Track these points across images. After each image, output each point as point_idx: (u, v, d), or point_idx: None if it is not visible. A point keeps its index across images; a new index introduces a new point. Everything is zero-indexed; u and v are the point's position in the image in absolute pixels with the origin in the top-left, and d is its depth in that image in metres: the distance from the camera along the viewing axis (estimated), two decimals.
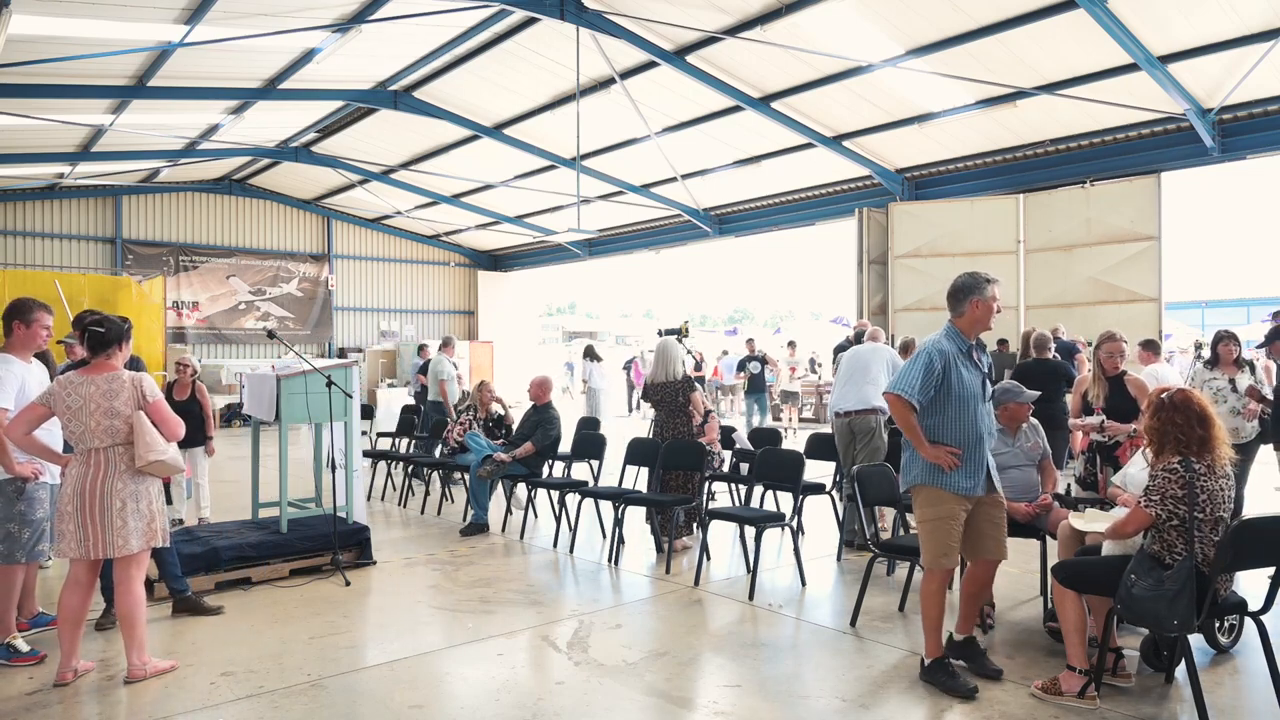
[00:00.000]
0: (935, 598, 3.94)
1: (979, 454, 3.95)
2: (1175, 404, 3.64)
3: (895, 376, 4.08)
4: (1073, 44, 10.14)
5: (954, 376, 3.92)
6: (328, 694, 3.92)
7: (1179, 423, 3.59)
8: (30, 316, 4.46)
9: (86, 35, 9.91)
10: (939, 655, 3.95)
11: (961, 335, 4.01)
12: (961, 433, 3.93)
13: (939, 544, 3.95)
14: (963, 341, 4.00)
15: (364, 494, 7.39)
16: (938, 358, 3.92)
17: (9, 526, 4.31)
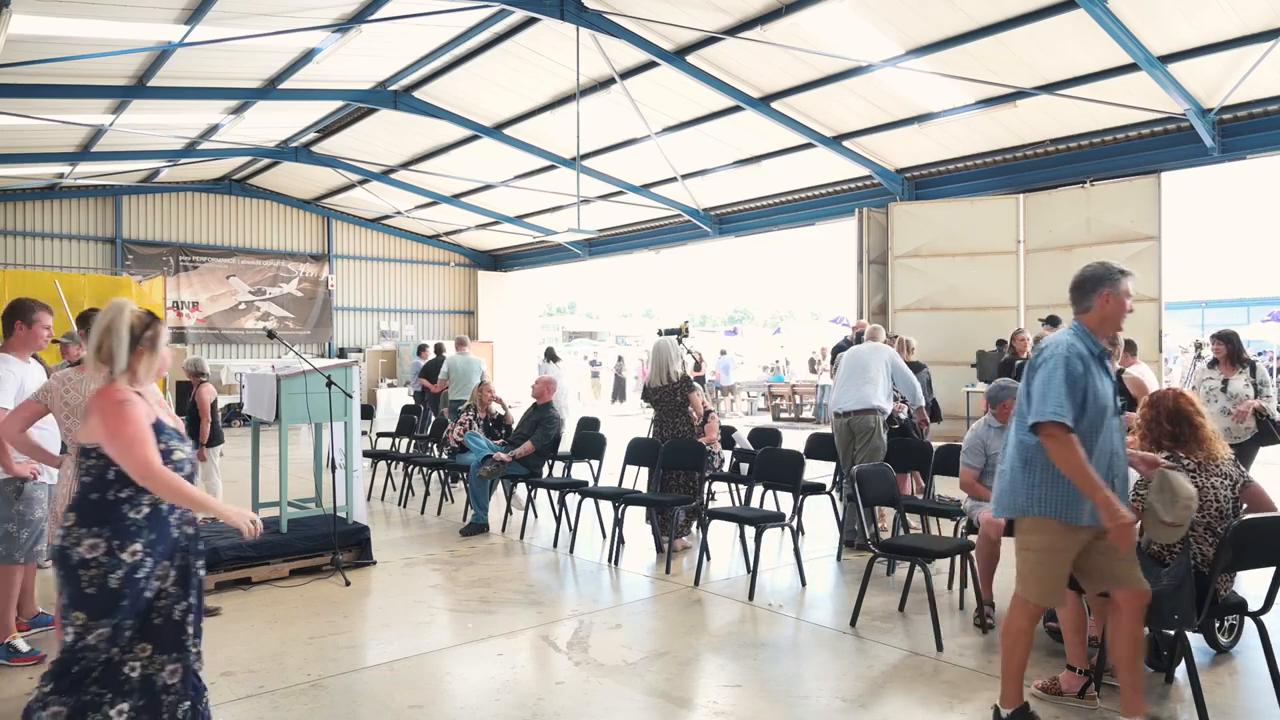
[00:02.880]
0: (1024, 638, 3.36)
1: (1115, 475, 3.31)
2: (1151, 400, 3.74)
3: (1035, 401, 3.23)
4: (1073, 44, 10.14)
5: (1091, 385, 3.24)
6: (328, 694, 3.92)
7: (1149, 417, 3.67)
8: (31, 316, 4.45)
9: (86, 35, 9.90)
10: (1019, 705, 3.40)
11: (1092, 336, 3.38)
12: (1099, 453, 3.24)
13: (1049, 579, 3.32)
14: (1094, 343, 3.36)
15: (364, 494, 7.39)
16: (1077, 360, 3.22)
17: (7, 527, 4.31)
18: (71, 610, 2.72)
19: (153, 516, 2.82)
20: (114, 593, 2.72)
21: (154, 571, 2.81)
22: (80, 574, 2.70)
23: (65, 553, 2.73)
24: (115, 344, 2.81)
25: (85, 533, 2.73)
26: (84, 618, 2.71)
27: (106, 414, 2.75)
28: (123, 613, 2.74)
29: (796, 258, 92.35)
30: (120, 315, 2.83)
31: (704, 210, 18.24)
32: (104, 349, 2.82)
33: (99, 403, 2.78)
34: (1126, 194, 12.35)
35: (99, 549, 2.72)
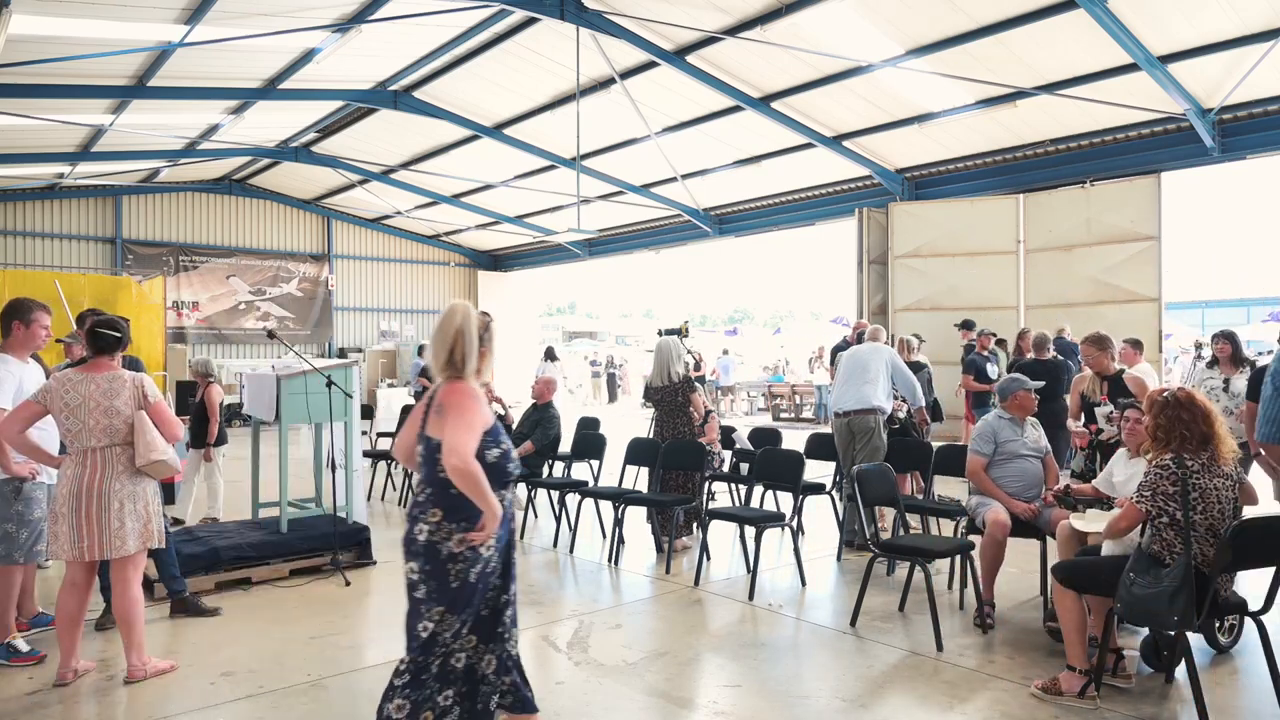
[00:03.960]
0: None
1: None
2: (1180, 401, 3.67)
3: (1260, 423, 3.16)
4: (1073, 44, 10.14)
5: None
6: (328, 694, 3.92)
7: (1185, 419, 3.61)
8: (30, 316, 4.44)
9: (86, 35, 9.90)
10: None
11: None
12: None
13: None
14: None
15: (364, 494, 7.39)
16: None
17: (6, 527, 4.31)
18: (434, 605, 2.83)
19: (505, 513, 2.96)
20: (472, 586, 2.88)
21: (496, 566, 2.99)
22: (449, 568, 2.84)
23: (435, 547, 2.83)
24: (468, 347, 2.92)
25: (455, 528, 2.84)
26: (443, 611, 2.83)
27: (461, 406, 2.85)
28: (474, 606, 2.89)
29: (796, 258, 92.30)
30: (469, 319, 2.95)
31: (704, 210, 18.24)
32: (457, 352, 2.91)
33: (453, 397, 2.88)
34: (1126, 194, 12.35)
35: (465, 544, 2.83)
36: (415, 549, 2.89)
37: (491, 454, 2.90)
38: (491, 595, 3.02)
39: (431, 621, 2.83)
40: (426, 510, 2.88)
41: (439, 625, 2.83)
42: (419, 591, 2.86)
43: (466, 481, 2.77)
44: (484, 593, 2.95)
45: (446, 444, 2.79)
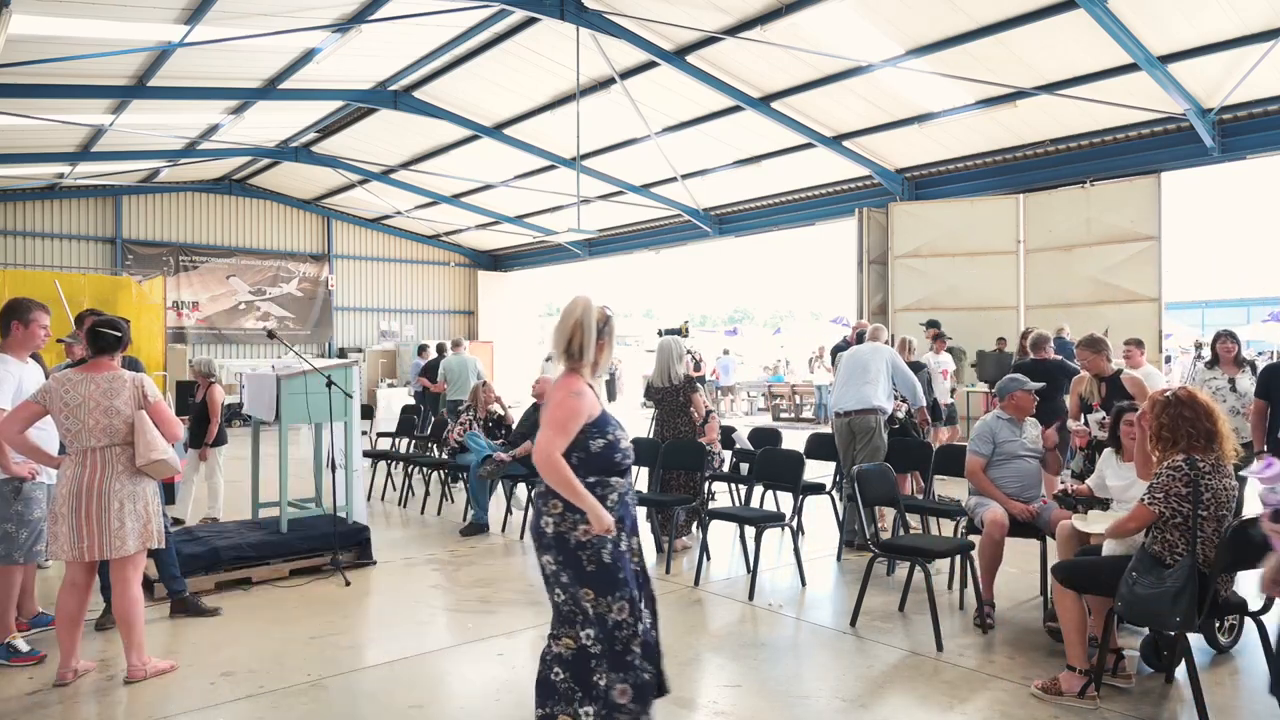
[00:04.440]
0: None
1: None
2: (1183, 400, 3.68)
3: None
4: (1073, 44, 10.14)
5: None
6: (328, 694, 3.92)
7: (1188, 417, 3.61)
8: (28, 316, 4.44)
9: (86, 35, 9.90)
10: None
11: None
12: None
13: None
14: None
15: (364, 494, 7.39)
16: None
17: (6, 527, 4.30)
18: (579, 587, 2.89)
19: (622, 505, 3.00)
20: (610, 567, 2.91)
21: (630, 546, 3.01)
22: (581, 555, 2.89)
23: (564, 538, 2.89)
24: (586, 339, 2.99)
25: (578, 518, 2.88)
26: (593, 594, 2.88)
27: (558, 402, 2.93)
28: (627, 585, 2.91)
29: (796, 258, 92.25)
30: (590, 312, 3.02)
31: (704, 210, 18.24)
32: (575, 342, 2.99)
33: (555, 393, 2.97)
34: (1126, 194, 12.35)
35: (590, 532, 2.88)
36: (545, 541, 2.95)
37: (596, 443, 2.95)
38: None
39: (588, 604, 2.90)
40: (547, 501, 2.94)
41: (598, 606, 2.90)
42: (563, 579, 2.93)
43: (552, 478, 2.85)
44: (629, 568, 2.97)
45: (535, 441, 2.89)
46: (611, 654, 2.89)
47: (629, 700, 2.86)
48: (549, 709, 2.92)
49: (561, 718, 2.89)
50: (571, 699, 2.89)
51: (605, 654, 2.89)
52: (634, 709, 2.87)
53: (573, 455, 2.91)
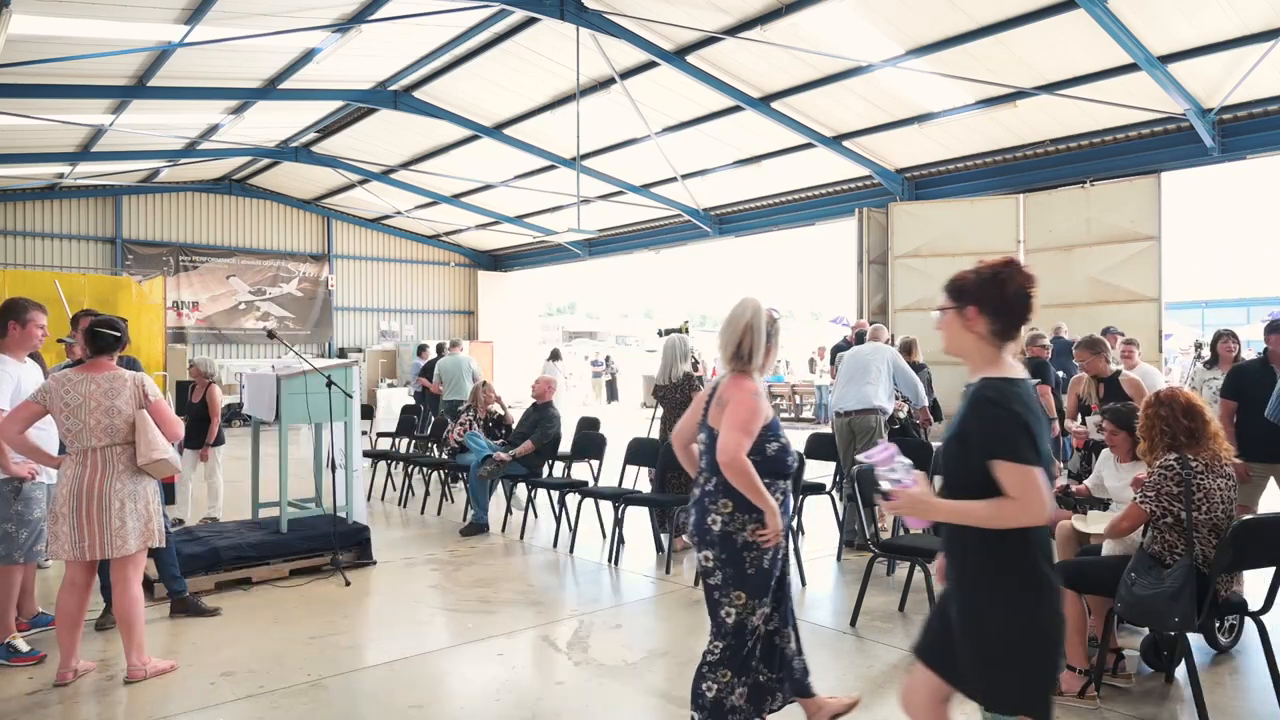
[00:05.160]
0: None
1: None
2: (1161, 399, 3.74)
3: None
4: (1073, 44, 10.14)
5: None
6: (328, 694, 3.92)
7: (1164, 415, 3.68)
8: (25, 316, 4.43)
9: (86, 35, 9.90)
10: None
11: None
12: None
13: None
14: None
15: (364, 494, 7.39)
16: None
17: (6, 527, 4.30)
18: (732, 590, 2.92)
19: (784, 503, 3.03)
20: (767, 573, 2.97)
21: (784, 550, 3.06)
22: (745, 556, 2.92)
23: (730, 537, 2.92)
24: (755, 341, 3.02)
25: (748, 518, 2.92)
26: (745, 597, 2.91)
27: (740, 403, 2.95)
28: (771, 591, 2.97)
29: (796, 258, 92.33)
30: (759, 314, 3.05)
31: (704, 210, 18.24)
32: (745, 345, 3.02)
33: (735, 393, 2.98)
34: (1126, 194, 12.35)
35: (759, 533, 2.91)
36: (710, 538, 2.96)
37: (771, 447, 2.98)
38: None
39: (734, 608, 2.92)
40: (717, 500, 2.95)
41: (742, 611, 2.92)
42: (714, 578, 2.95)
43: (739, 480, 2.87)
44: (780, 581, 3.04)
45: (720, 441, 2.90)
46: (738, 658, 2.95)
47: (744, 701, 2.94)
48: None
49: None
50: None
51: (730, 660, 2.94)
52: (747, 710, 2.94)
53: (750, 458, 2.91)
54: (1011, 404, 2.14)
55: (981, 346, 2.27)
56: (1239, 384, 5.15)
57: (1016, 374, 2.25)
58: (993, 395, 2.18)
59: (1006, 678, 2.17)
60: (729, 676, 2.95)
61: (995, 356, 2.26)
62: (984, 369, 2.27)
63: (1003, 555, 2.17)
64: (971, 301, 2.26)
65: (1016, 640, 2.15)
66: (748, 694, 2.95)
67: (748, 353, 3.01)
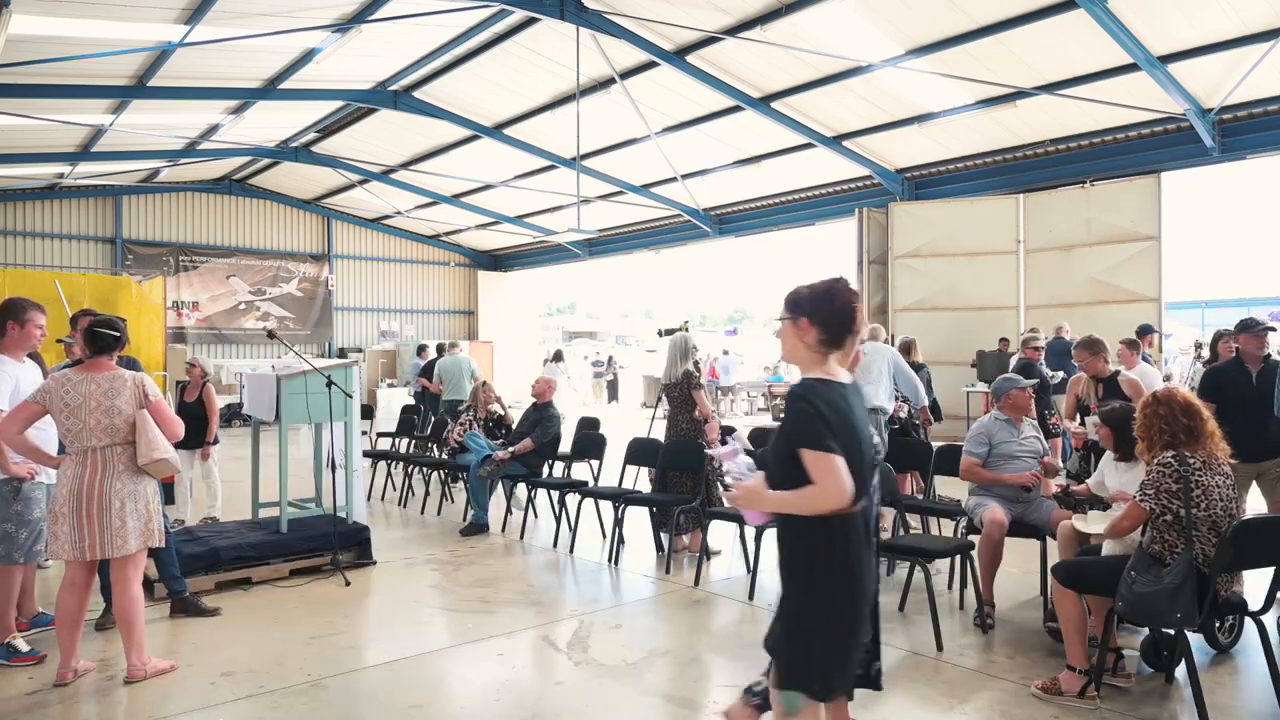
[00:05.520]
0: None
1: None
2: (1159, 398, 3.75)
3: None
4: (1073, 44, 10.14)
5: None
6: (328, 694, 3.92)
7: (1162, 414, 3.68)
8: (24, 316, 4.42)
9: (86, 35, 9.90)
10: None
11: None
12: None
13: None
14: None
15: (364, 494, 7.39)
16: None
17: (6, 527, 4.30)
18: None
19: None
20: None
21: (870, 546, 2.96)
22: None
23: None
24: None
25: None
26: None
27: None
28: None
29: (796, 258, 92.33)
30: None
31: (704, 210, 18.24)
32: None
33: None
34: (1126, 194, 12.36)
35: None
36: None
37: None
38: None
39: None
40: None
41: None
42: None
43: None
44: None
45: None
46: None
47: None
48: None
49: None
50: None
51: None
52: None
53: None
54: (815, 399, 2.38)
55: (811, 354, 2.51)
56: (1218, 384, 5.18)
57: (837, 378, 2.49)
58: (800, 391, 2.42)
59: (795, 657, 2.41)
60: None
61: (821, 362, 2.51)
62: (810, 372, 2.50)
63: (806, 544, 2.38)
64: (804, 314, 2.51)
65: (809, 624, 2.38)
66: None
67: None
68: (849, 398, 2.48)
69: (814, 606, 2.40)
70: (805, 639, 2.41)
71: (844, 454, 2.33)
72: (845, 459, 2.32)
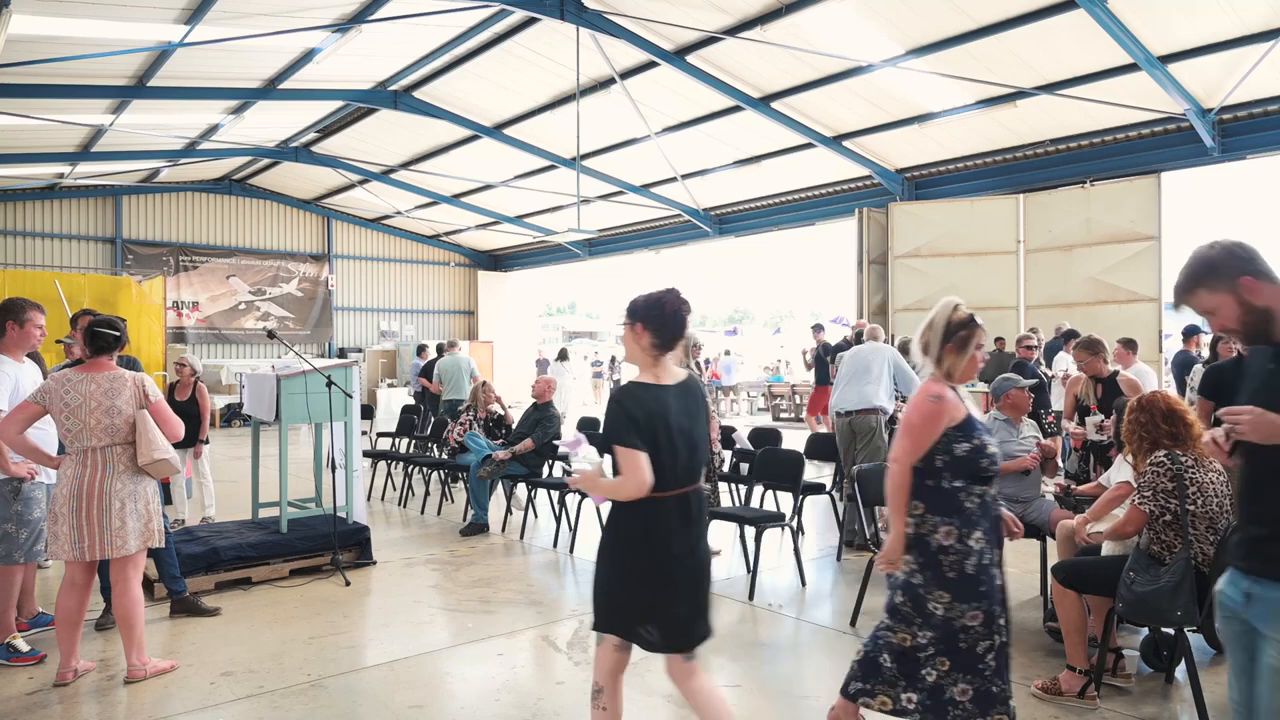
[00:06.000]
0: None
1: None
2: (1141, 405, 3.80)
3: None
4: (1073, 44, 10.14)
5: None
6: (328, 694, 3.92)
7: (1143, 421, 3.73)
8: (24, 316, 4.42)
9: (86, 35, 9.90)
10: None
11: None
12: None
13: None
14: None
15: (364, 494, 7.39)
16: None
17: (6, 527, 4.30)
18: (935, 589, 2.82)
19: (983, 506, 2.91)
20: (973, 578, 2.83)
21: (993, 559, 2.90)
22: (941, 559, 2.84)
23: (924, 539, 2.86)
24: (932, 339, 2.94)
25: (938, 520, 2.85)
26: (949, 597, 2.82)
27: (910, 407, 2.93)
28: (986, 598, 2.83)
29: (796, 258, 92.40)
30: (942, 313, 2.94)
31: (704, 210, 18.24)
32: (927, 345, 2.95)
33: (915, 395, 2.95)
34: (1126, 194, 12.35)
35: (952, 536, 2.82)
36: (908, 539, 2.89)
37: (960, 448, 2.85)
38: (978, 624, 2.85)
39: (940, 604, 2.82)
40: (914, 503, 2.90)
41: (950, 609, 2.81)
42: (916, 579, 2.86)
43: (887, 485, 2.91)
44: (991, 585, 2.86)
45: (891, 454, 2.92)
46: (957, 652, 2.82)
47: (968, 700, 2.81)
48: (870, 685, 2.92)
49: (881, 697, 2.89)
50: (895, 683, 2.89)
51: (946, 651, 2.83)
52: (970, 710, 2.80)
53: (936, 458, 2.85)
54: (627, 401, 2.70)
55: (645, 355, 2.80)
56: (1217, 381, 5.12)
57: (665, 381, 2.79)
58: (617, 395, 2.74)
59: (597, 606, 2.80)
60: (947, 666, 2.82)
61: (653, 364, 2.80)
62: (643, 374, 2.81)
63: (620, 520, 2.77)
64: (639, 319, 2.79)
65: (609, 578, 2.78)
66: (973, 695, 2.81)
67: (925, 348, 2.95)
68: (668, 399, 2.75)
69: (615, 570, 2.77)
70: (607, 596, 2.78)
71: (650, 449, 2.65)
72: (652, 453, 2.64)
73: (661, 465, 2.67)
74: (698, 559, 2.80)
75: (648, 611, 2.71)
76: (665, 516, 2.72)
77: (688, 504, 2.77)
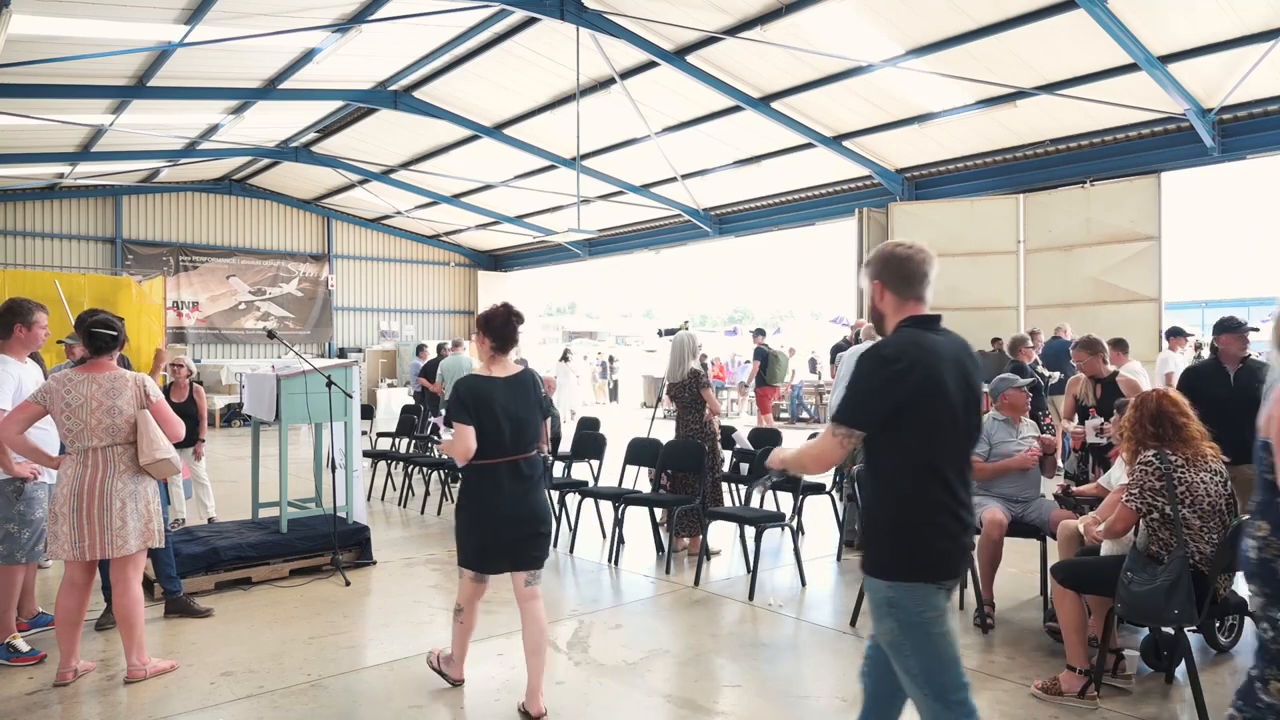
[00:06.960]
0: None
1: None
2: (1134, 404, 3.81)
3: None
4: (1073, 44, 10.14)
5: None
6: (328, 694, 3.93)
7: (1134, 419, 3.73)
8: (30, 318, 4.44)
9: (86, 35, 9.90)
10: None
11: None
12: None
13: None
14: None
15: (364, 494, 7.39)
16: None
17: (8, 527, 4.31)
18: (1276, 610, 2.44)
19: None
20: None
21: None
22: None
23: (1269, 565, 2.44)
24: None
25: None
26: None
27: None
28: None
29: (796, 258, 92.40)
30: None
31: (704, 210, 18.24)
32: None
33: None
34: (1126, 194, 12.35)
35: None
36: (1249, 568, 2.50)
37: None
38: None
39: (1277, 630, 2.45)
40: (1253, 522, 2.51)
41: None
42: (1273, 611, 2.45)
43: None
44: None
45: None
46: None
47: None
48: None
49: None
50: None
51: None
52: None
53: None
54: (461, 388, 3.62)
55: (488, 355, 3.75)
56: (1191, 383, 5.09)
57: (497, 374, 3.70)
58: (456, 384, 3.65)
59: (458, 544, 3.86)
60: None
61: (491, 361, 3.74)
62: (484, 368, 3.73)
63: (464, 478, 3.78)
64: (481, 329, 3.76)
65: (458, 528, 3.83)
66: None
67: None
68: (496, 387, 3.65)
69: (460, 519, 3.79)
70: (458, 538, 3.85)
71: (476, 424, 3.56)
72: (477, 428, 3.56)
73: (486, 438, 3.58)
74: (529, 506, 3.72)
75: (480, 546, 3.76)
76: (496, 477, 3.66)
77: (518, 468, 3.69)
